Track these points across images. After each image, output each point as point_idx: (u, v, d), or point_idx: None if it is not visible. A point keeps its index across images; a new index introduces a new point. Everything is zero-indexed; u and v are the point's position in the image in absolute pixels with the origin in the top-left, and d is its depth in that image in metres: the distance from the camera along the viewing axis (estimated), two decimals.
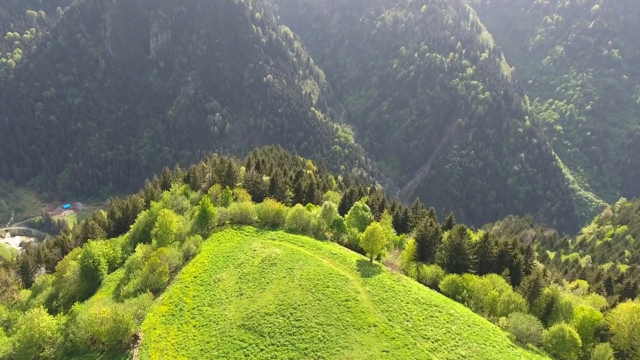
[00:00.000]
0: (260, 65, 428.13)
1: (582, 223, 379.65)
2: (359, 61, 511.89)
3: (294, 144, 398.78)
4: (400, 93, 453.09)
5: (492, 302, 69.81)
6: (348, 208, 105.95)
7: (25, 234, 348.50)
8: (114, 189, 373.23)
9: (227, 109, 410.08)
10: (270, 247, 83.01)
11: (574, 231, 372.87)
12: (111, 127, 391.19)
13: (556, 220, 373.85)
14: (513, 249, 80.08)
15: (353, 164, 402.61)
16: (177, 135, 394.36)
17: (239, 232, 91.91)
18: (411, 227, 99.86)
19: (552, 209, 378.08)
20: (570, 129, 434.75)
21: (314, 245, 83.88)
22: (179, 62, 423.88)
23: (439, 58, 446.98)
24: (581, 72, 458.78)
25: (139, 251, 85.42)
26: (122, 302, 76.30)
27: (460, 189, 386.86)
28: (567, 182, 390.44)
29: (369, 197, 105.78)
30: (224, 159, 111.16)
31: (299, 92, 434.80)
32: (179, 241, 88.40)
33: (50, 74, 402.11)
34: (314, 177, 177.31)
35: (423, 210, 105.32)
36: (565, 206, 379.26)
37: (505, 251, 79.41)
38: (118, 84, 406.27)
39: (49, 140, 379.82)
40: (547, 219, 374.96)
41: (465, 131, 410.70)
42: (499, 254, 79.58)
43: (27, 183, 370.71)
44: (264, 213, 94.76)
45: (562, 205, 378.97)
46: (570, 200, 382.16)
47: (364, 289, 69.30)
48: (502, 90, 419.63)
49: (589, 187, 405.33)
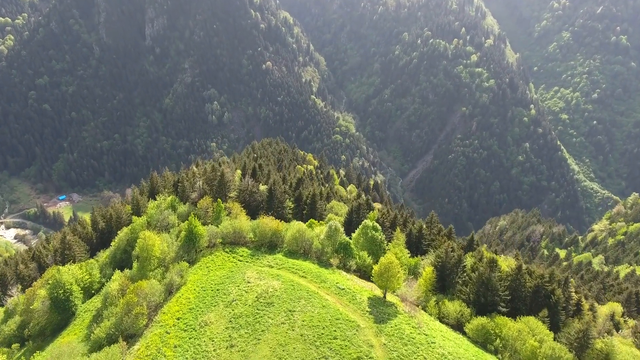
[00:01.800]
0: (259, 51, 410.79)
1: (587, 214, 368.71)
2: (360, 47, 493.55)
3: (293, 134, 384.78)
4: (402, 81, 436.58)
5: (530, 355, 57.55)
6: (355, 223, 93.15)
7: (20, 226, 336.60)
8: (110, 180, 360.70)
9: (225, 98, 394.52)
10: (267, 279, 70.41)
11: (579, 223, 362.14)
12: (106, 116, 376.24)
13: (560, 211, 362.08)
14: (550, 282, 67.56)
15: (354, 154, 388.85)
16: (174, 124, 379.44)
17: (232, 256, 79.19)
18: (426, 246, 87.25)
19: (556, 200, 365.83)
20: (575, 117, 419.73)
21: (317, 276, 71.23)
22: (175, 48, 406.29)
23: (443, 44, 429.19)
24: (588, 59, 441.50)
25: (114, 281, 72.88)
26: (93, 346, 64.20)
27: (463, 179, 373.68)
28: (572, 173, 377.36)
29: (378, 211, 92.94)
30: (216, 166, 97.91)
31: (299, 80, 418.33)
32: (162, 268, 75.81)
33: (43, 62, 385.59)
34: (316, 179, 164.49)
35: (439, 226, 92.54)
36: (570, 197, 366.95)
37: (541, 285, 66.92)
38: (113, 71, 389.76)
39: (43, 129, 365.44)
40: (551, 211, 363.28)
41: (469, 120, 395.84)
42: (534, 289, 67.08)
43: (21, 174, 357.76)
44: (260, 232, 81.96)
45: (567, 197, 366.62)
46: (575, 192, 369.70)
47: (379, 340, 56.89)
48: (507, 78, 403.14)
49: (594, 177, 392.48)
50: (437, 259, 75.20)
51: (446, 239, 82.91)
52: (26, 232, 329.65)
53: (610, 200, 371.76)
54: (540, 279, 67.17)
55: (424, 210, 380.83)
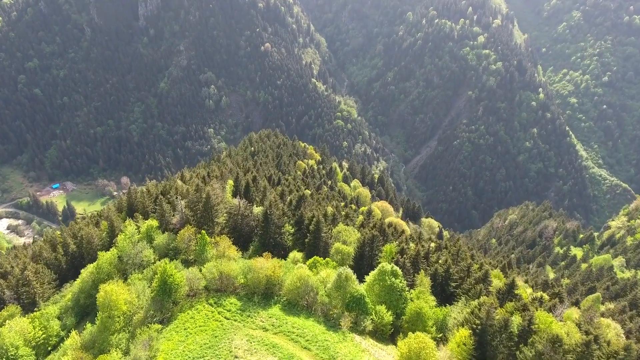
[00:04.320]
0: (257, 32, 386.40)
1: (595, 202, 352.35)
2: (362, 27, 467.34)
3: (293, 119, 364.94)
4: (406, 63, 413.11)
5: None
6: (367, 256, 76.21)
7: (13, 216, 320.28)
8: (105, 168, 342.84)
9: (222, 81, 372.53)
10: (260, 352, 53.76)
11: (586, 211, 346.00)
12: (99, 101, 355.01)
13: (568, 199, 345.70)
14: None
15: (356, 140, 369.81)
16: (170, 109, 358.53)
17: (217, 311, 62.33)
18: (455, 288, 70.45)
19: (564, 188, 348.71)
20: (585, 101, 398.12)
21: (324, 348, 54.59)
22: (170, 29, 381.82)
23: (449, 25, 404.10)
24: (599, 40, 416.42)
25: (66, 354, 56.13)
26: None
27: (468, 166, 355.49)
28: (580, 160, 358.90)
29: (396, 245, 75.44)
30: (200, 185, 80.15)
31: (299, 62, 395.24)
32: (128, 330, 59.08)
33: (32, 44, 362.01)
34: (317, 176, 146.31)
35: (468, 260, 75.32)
36: (577, 185, 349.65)
37: None
38: (105, 54, 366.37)
39: (34, 115, 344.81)
40: (558, 199, 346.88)
41: (475, 105, 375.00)
42: None
43: (13, 161, 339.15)
44: (252, 278, 64.99)
45: (574, 184, 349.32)
46: (583, 179, 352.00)
47: None
48: (515, 60, 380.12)
49: (602, 164, 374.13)
50: (474, 320, 58.38)
51: (481, 285, 65.87)
52: (19, 223, 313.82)
53: (619, 188, 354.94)
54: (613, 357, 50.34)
55: (428, 198, 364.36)
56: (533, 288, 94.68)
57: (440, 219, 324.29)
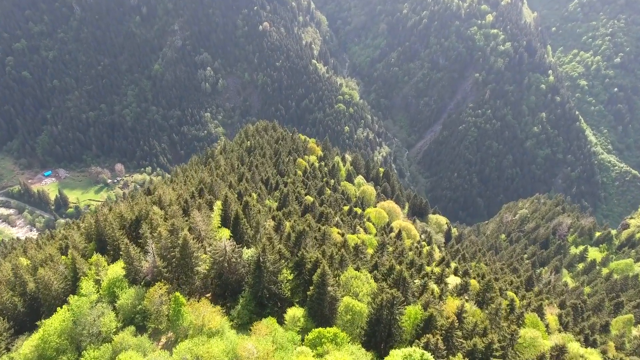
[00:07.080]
0: (255, 11, 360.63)
1: (603, 189, 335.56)
2: (365, 5, 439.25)
3: (293, 102, 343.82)
4: (410, 43, 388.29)
5: None
6: (385, 319, 59.40)
7: (4, 205, 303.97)
8: (98, 154, 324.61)
9: (219, 63, 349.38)
10: None
11: (594, 199, 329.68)
12: (91, 84, 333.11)
13: (576, 186, 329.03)
14: None
15: (358, 124, 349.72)
16: (164, 92, 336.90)
17: None
18: None
19: (572, 175, 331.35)
20: (595, 84, 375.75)
21: None
22: (163, 7, 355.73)
23: (456, 2, 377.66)
24: (612, 19, 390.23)
25: None
26: None
27: (474, 152, 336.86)
28: (589, 145, 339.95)
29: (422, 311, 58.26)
30: (176, 226, 62.56)
31: (299, 43, 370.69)
32: None
33: (19, 23, 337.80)
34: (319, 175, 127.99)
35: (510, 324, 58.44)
36: (586, 171, 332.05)
37: None
38: (96, 34, 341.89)
39: (24, 99, 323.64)
40: (565, 186, 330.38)
41: (481, 87, 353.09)
42: None
43: (3, 148, 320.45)
44: None
45: (582, 171, 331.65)
46: (591, 165, 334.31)
47: None
48: (524, 40, 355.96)
49: (611, 149, 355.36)
50: None
51: None
52: (10, 212, 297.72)
53: (628, 175, 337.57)
54: None
55: (431, 184, 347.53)
56: (581, 343, 77.86)
57: (445, 207, 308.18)
